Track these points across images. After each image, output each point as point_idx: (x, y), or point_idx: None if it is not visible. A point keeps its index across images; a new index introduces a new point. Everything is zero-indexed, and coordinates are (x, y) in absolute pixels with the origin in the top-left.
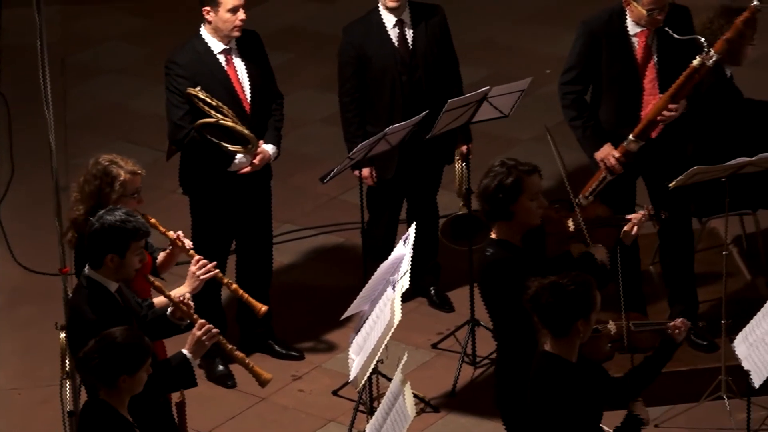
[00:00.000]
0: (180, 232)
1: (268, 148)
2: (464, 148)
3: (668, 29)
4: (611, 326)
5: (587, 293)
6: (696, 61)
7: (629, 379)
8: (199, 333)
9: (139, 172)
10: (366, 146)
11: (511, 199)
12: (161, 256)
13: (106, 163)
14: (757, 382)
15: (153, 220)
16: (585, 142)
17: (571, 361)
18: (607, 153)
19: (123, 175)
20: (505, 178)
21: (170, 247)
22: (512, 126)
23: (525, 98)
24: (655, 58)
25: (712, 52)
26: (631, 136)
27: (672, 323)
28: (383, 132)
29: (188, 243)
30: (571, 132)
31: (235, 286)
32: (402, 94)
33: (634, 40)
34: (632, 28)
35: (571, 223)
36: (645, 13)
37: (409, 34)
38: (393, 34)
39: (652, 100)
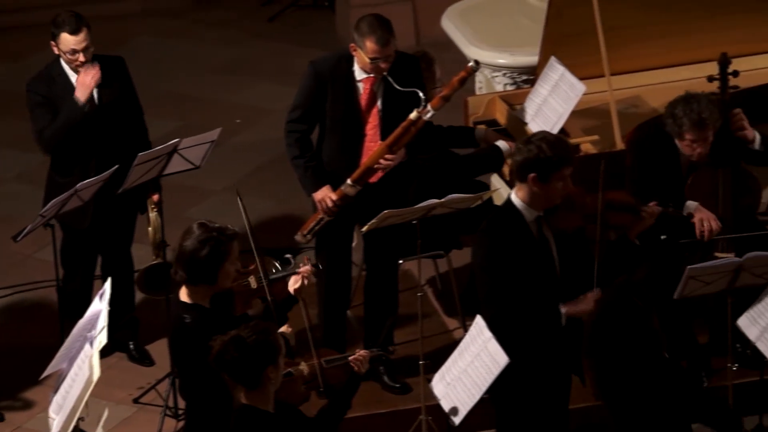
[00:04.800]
0: None
1: None
2: (155, 197)
3: (390, 79)
4: (303, 367)
5: (269, 340)
6: (413, 115)
7: (322, 416)
8: None
9: None
10: (58, 203)
11: (217, 265)
12: None
13: None
14: (456, 420)
15: None
16: (305, 182)
17: (268, 410)
18: (325, 195)
19: None
20: (217, 245)
21: None
22: (205, 176)
23: (217, 148)
24: (379, 105)
25: (429, 107)
26: (349, 181)
27: (354, 356)
28: (74, 189)
29: None
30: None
31: None
32: (91, 147)
33: (360, 85)
34: (359, 73)
35: (253, 280)
36: (368, 61)
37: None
38: None
39: (373, 147)
